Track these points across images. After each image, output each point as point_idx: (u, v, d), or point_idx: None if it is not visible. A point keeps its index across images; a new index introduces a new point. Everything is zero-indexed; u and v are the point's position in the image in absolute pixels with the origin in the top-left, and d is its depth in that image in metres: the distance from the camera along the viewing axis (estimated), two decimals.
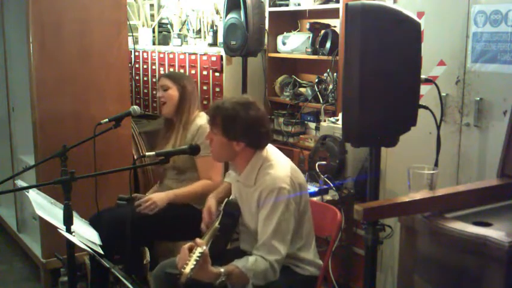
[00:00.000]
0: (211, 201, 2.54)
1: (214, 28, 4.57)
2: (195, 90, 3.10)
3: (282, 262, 2.18)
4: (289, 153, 3.57)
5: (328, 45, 3.66)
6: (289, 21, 4.23)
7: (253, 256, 2.14)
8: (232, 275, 2.07)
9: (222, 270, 2.05)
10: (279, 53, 4.18)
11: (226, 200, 2.43)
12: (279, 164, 2.26)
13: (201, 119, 2.95)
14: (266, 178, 2.21)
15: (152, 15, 5.38)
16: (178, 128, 2.98)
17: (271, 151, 2.33)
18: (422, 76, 2.00)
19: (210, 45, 4.55)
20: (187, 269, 1.89)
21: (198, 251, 1.96)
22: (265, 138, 2.28)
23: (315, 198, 2.90)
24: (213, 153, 2.36)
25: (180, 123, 2.98)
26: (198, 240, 2.05)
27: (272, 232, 2.14)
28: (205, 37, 4.76)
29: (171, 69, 4.73)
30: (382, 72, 1.87)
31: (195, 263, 1.90)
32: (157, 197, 2.82)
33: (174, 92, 2.99)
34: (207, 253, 1.99)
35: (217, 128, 2.24)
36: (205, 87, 4.37)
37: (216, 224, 2.33)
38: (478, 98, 2.59)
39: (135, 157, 3.67)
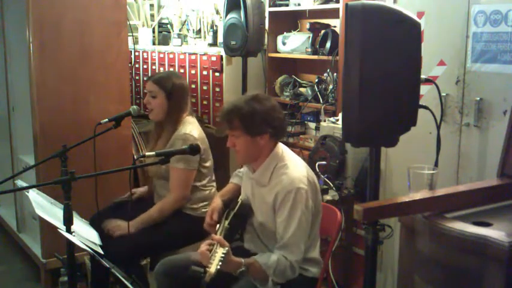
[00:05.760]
0: (216, 202, 2.48)
1: (214, 28, 4.57)
2: (185, 91, 2.97)
3: (301, 262, 2.21)
4: None
5: (328, 45, 3.66)
6: (289, 21, 4.23)
7: (276, 254, 2.16)
8: (252, 268, 2.11)
9: (242, 260, 2.09)
10: (279, 53, 4.17)
11: (240, 201, 2.42)
12: (295, 164, 2.27)
13: (185, 127, 2.87)
14: (283, 178, 2.21)
15: (152, 15, 5.38)
16: (168, 131, 2.90)
17: (285, 150, 2.34)
18: (422, 76, 2.00)
19: (210, 45, 4.56)
20: (213, 269, 1.91)
21: (221, 252, 1.98)
22: (283, 126, 2.31)
23: None
24: (240, 156, 2.31)
25: (170, 126, 2.90)
26: (215, 236, 2.08)
27: (293, 233, 2.16)
28: (205, 37, 4.76)
29: (161, 69, 4.68)
30: (382, 72, 1.87)
31: (220, 263, 1.93)
32: (121, 226, 2.75)
33: (161, 100, 2.87)
34: (230, 250, 2.03)
35: (238, 130, 2.22)
36: (205, 87, 4.37)
37: (226, 224, 2.34)
38: (478, 98, 2.59)
39: (135, 157, 3.68)
